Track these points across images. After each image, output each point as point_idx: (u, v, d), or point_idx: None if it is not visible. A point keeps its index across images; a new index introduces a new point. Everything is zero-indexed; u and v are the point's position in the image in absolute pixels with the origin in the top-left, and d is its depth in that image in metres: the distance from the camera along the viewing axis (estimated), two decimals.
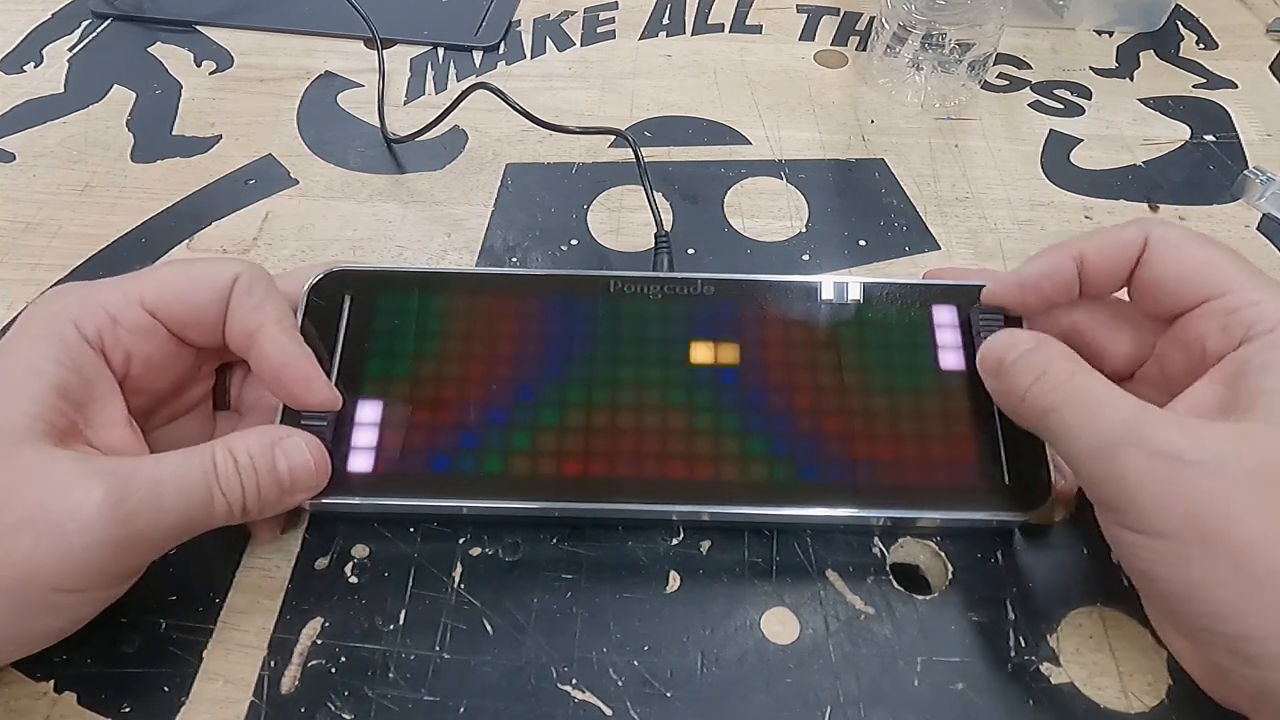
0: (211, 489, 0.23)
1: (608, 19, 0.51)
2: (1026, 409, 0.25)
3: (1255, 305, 0.24)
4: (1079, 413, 0.23)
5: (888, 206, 0.40)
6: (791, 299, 0.30)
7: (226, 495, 0.23)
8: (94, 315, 0.24)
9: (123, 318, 0.25)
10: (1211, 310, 0.25)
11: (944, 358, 0.29)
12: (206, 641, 0.26)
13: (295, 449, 0.25)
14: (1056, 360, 0.24)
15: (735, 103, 0.45)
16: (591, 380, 0.28)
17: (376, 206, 0.39)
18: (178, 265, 0.27)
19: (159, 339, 0.26)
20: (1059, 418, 0.23)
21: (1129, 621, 0.26)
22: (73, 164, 0.41)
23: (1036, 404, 0.24)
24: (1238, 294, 0.24)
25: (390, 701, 0.25)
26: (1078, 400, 0.23)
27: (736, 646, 0.26)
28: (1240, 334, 0.24)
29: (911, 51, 0.44)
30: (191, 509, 0.23)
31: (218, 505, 0.23)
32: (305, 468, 0.25)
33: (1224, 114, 0.45)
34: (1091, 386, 0.23)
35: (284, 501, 0.25)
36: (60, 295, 0.25)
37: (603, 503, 0.27)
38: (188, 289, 0.26)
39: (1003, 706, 0.25)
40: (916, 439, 0.27)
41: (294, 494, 0.25)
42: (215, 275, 0.26)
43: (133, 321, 0.25)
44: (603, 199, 0.40)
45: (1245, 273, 0.25)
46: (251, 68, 0.47)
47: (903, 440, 0.27)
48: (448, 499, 0.27)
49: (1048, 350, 0.25)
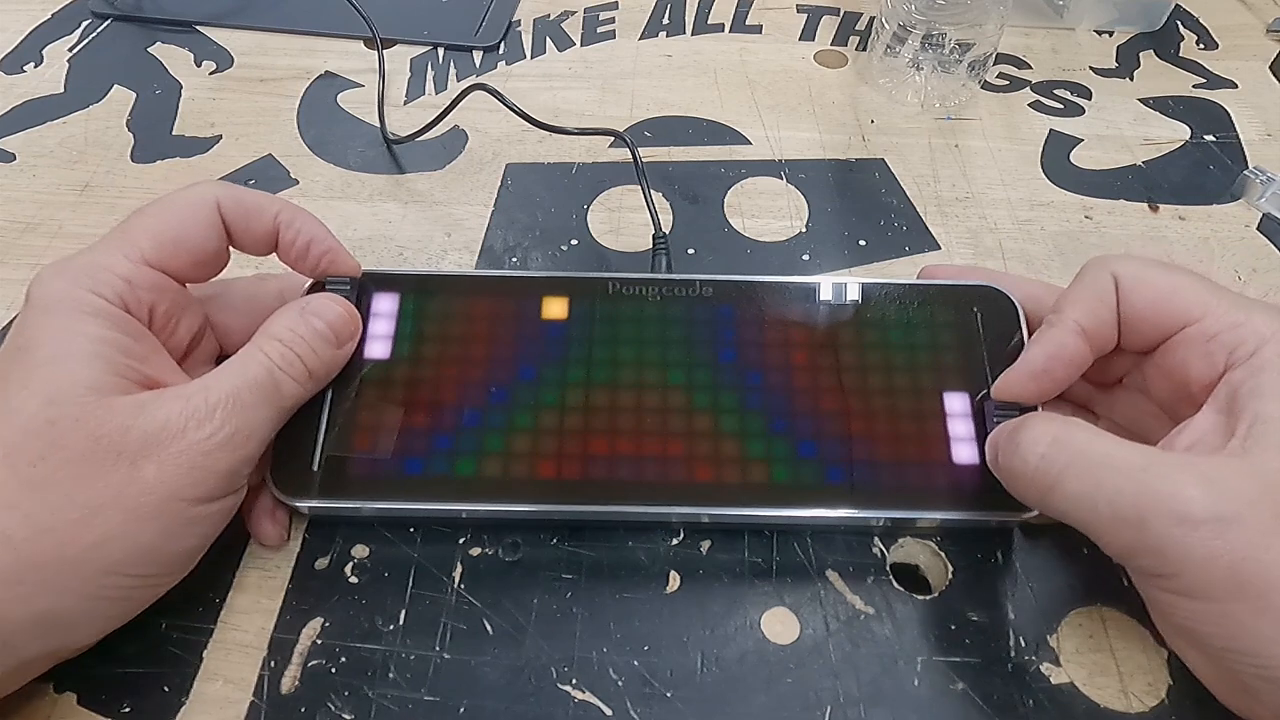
0: (275, 375, 0.25)
1: (608, 19, 0.51)
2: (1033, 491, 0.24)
3: (1234, 328, 0.24)
4: (1085, 480, 0.22)
5: (888, 206, 0.40)
6: (790, 300, 0.30)
7: (292, 375, 0.25)
8: (109, 282, 0.24)
9: (135, 278, 0.25)
10: (1189, 337, 0.25)
11: (943, 358, 0.29)
12: (206, 641, 0.26)
13: (322, 305, 0.27)
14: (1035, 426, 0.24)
15: (735, 103, 0.45)
16: (590, 383, 0.28)
17: (376, 206, 0.39)
18: (158, 214, 0.26)
19: (170, 290, 0.26)
20: (1063, 491, 0.23)
21: (1129, 621, 0.26)
22: (73, 164, 0.41)
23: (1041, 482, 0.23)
24: (1215, 318, 0.24)
25: (390, 701, 0.25)
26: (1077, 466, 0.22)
27: (736, 646, 0.26)
28: (1223, 359, 0.24)
29: (911, 51, 0.44)
30: (269, 398, 0.25)
31: (287, 387, 0.25)
32: (339, 316, 0.27)
33: (1224, 114, 0.45)
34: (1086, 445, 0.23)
35: (337, 356, 0.27)
36: (62, 271, 0.24)
37: (602, 505, 0.27)
38: (182, 232, 0.26)
39: (1003, 706, 0.25)
40: (916, 439, 0.27)
41: (342, 344, 0.27)
42: (198, 208, 0.26)
43: (145, 280, 0.25)
44: (603, 199, 0.40)
45: (1215, 294, 0.25)
46: (251, 68, 0.47)
47: (903, 440, 0.27)
48: (447, 502, 0.27)
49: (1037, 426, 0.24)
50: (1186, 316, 0.25)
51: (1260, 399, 0.22)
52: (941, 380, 0.28)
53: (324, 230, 0.28)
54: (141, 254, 0.25)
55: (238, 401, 0.24)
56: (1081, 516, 0.23)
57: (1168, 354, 0.25)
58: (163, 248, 0.26)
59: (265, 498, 0.27)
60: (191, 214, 0.26)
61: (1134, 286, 0.26)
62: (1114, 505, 0.21)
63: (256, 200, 0.27)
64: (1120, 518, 0.21)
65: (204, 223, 0.26)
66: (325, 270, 0.28)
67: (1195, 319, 0.25)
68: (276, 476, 0.27)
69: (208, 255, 0.27)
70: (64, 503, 0.21)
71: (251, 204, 0.27)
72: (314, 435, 0.27)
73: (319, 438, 0.27)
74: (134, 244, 0.25)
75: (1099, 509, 0.22)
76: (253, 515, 0.27)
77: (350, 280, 0.29)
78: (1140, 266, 0.26)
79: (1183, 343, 0.25)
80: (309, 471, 0.27)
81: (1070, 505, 0.23)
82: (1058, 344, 0.26)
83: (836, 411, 0.28)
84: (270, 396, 0.25)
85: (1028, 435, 0.24)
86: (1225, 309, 0.24)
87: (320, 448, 0.27)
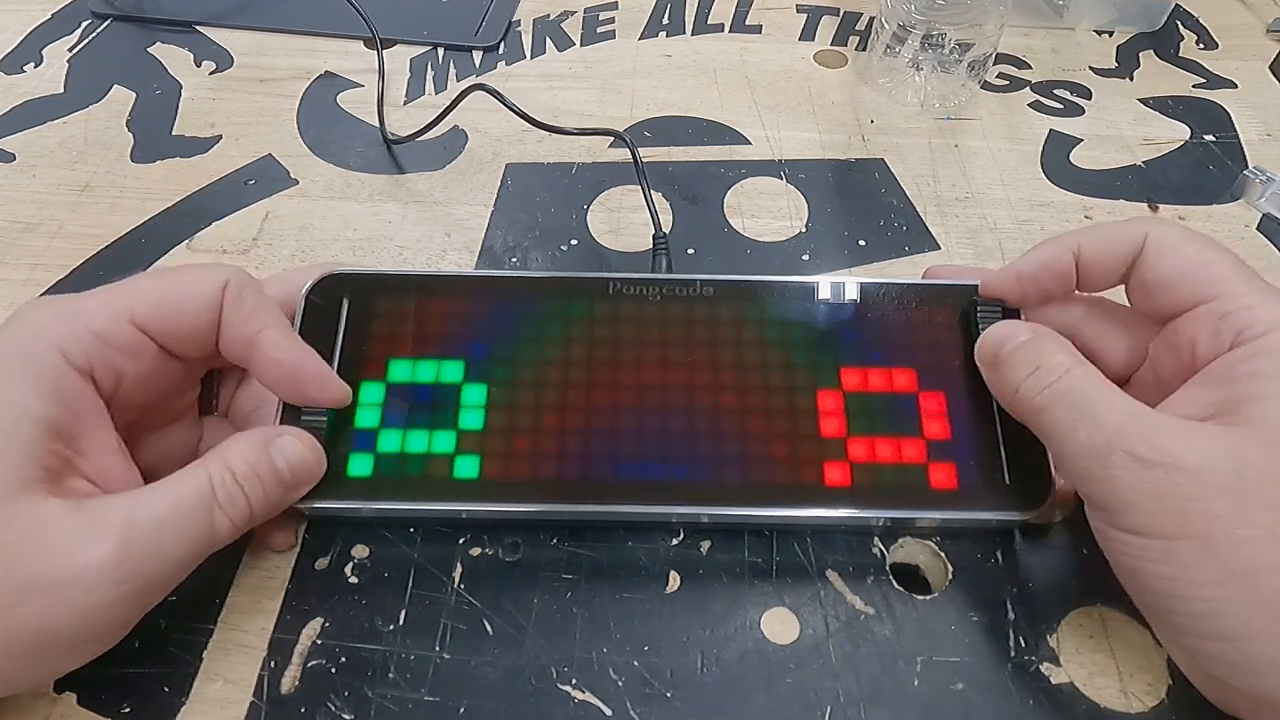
0: (212, 513, 0.23)
1: (608, 19, 0.51)
2: (1020, 403, 0.25)
3: (1248, 310, 0.24)
4: (1071, 412, 0.23)
5: (887, 206, 0.40)
6: (789, 299, 0.30)
7: (229, 514, 0.23)
8: (79, 337, 0.23)
9: (111, 335, 0.24)
10: (1203, 314, 0.25)
11: (943, 357, 0.29)
12: (206, 641, 0.26)
13: (290, 445, 0.25)
14: (1050, 355, 0.25)
15: (735, 103, 0.45)
16: (590, 383, 0.28)
17: (376, 207, 0.39)
18: (163, 277, 0.26)
19: (149, 355, 0.25)
20: (1051, 416, 0.24)
21: (1129, 621, 0.26)
22: (73, 164, 0.41)
23: (1029, 400, 0.24)
24: (1231, 298, 0.24)
25: (390, 702, 0.25)
26: (1069, 399, 0.23)
27: (736, 646, 0.26)
28: (1230, 338, 0.24)
29: (911, 51, 0.44)
30: (196, 540, 0.23)
31: (220, 528, 0.23)
32: (304, 461, 0.25)
33: (1224, 114, 0.45)
34: (1083, 385, 0.24)
35: (286, 499, 0.25)
36: (40, 312, 0.23)
37: (602, 505, 0.27)
38: (178, 303, 0.25)
39: (1003, 706, 0.25)
40: (916, 439, 0.27)
41: (296, 489, 0.25)
42: (204, 285, 0.25)
43: (121, 339, 0.24)
44: (603, 199, 0.40)
45: (1241, 276, 0.25)
46: (251, 68, 0.47)
47: (903, 440, 0.27)
48: (447, 502, 0.27)
49: (1041, 344, 0.25)
50: (1207, 292, 0.25)
51: (1256, 380, 0.22)
52: (941, 380, 0.28)
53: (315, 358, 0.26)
54: (130, 312, 0.24)
55: (157, 547, 0.22)
56: (1056, 438, 0.24)
57: (1180, 329, 0.25)
58: (155, 310, 0.24)
59: None
60: (198, 288, 0.25)
61: (1165, 252, 0.26)
62: (1090, 437, 0.22)
63: (256, 303, 0.26)
64: (1090, 448, 0.22)
65: (206, 300, 0.25)
66: (313, 399, 0.26)
67: (1214, 296, 0.25)
68: None
69: (199, 333, 0.25)
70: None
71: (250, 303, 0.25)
72: None
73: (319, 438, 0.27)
74: (127, 300, 0.24)
75: (1075, 437, 0.23)
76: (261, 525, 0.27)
77: (328, 413, 0.27)
78: (1179, 234, 0.26)
79: (1195, 319, 0.25)
80: None
81: (1051, 427, 0.24)
82: (1051, 256, 0.27)
83: (836, 411, 0.28)
84: (198, 539, 0.23)
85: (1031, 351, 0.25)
86: (1243, 290, 0.24)
87: None
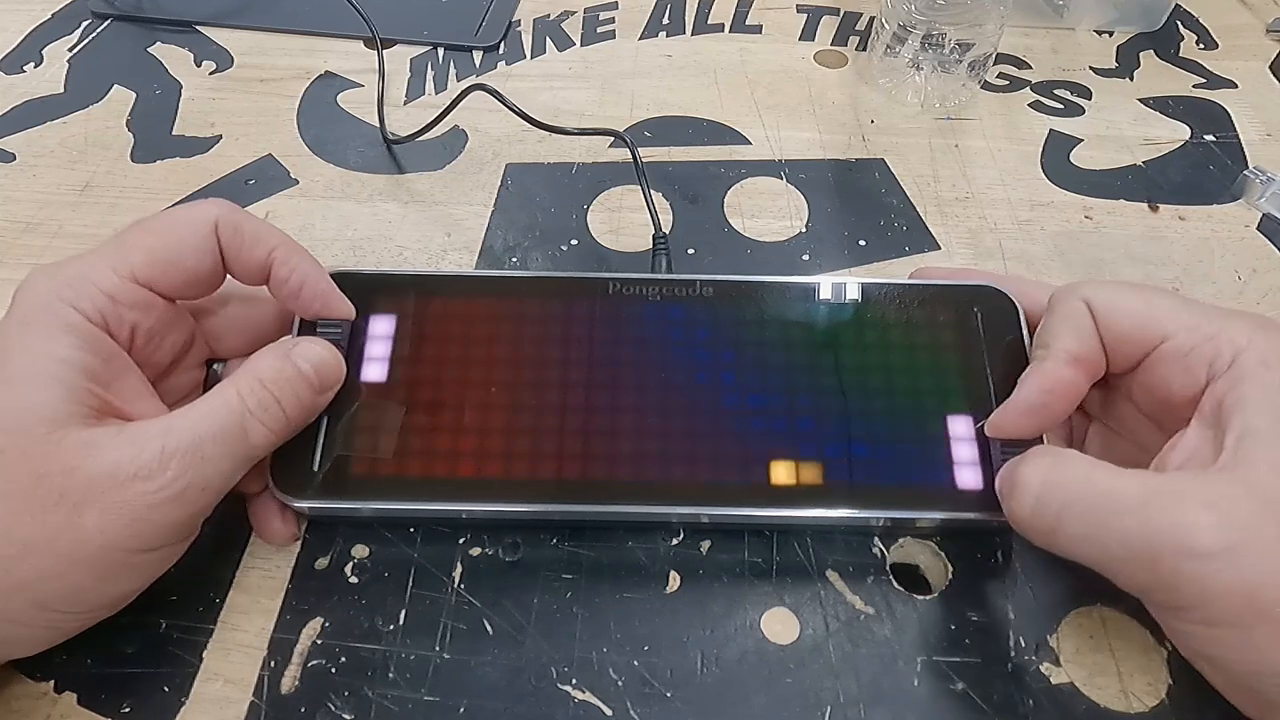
0: (244, 420, 0.24)
1: (608, 19, 0.51)
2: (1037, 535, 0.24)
3: (1210, 340, 0.24)
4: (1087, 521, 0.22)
5: (888, 206, 0.40)
6: (790, 299, 0.30)
7: (263, 419, 0.24)
8: (92, 297, 0.24)
9: (120, 295, 0.24)
10: (1166, 354, 0.25)
11: (943, 358, 0.29)
12: (206, 641, 0.26)
13: (310, 348, 0.26)
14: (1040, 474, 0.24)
15: (735, 103, 0.45)
16: (590, 383, 0.28)
17: (376, 206, 0.39)
18: (153, 229, 0.26)
19: (157, 309, 0.26)
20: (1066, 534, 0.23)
21: (1129, 621, 0.26)
22: (73, 164, 0.41)
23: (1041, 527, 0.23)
24: (1188, 332, 0.24)
25: (390, 701, 0.25)
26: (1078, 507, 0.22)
27: (736, 646, 0.26)
28: (1203, 372, 0.24)
29: (911, 51, 0.44)
30: (233, 445, 0.24)
31: (255, 435, 0.24)
32: (326, 363, 0.26)
33: (1224, 114, 0.45)
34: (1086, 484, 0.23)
35: (316, 403, 0.26)
36: (48, 278, 0.24)
37: (602, 505, 0.27)
38: (174, 254, 0.25)
39: (1003, 706, 0.25)
40: (916, 439, 0.27)
41: (324, 392, 0.27)
42: (196, 229, 0.26)
43: (130, 297, 0.25)
44: (603, 199, 0.40)
45: (1188, 309, 0.25)
46: (251, 68, 0.47)
47: (903, 440, 0.27)
48: (447, 502, 0.27)
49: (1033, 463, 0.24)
50: (1162, 332, 0.25)
51: (1243, 411, 0.22)
52: (941, 380, 0.28)
53: (320, 272, 0.28)
54: (132, 270, 0.25)
55: (196, 453, 0.23)
56: (1091, 556, 0.23)
57: (1148, 371, 0.25)
58: (155, 265, 0.25)
59: (272, 499, 0.27)
60: (189, 233, 0.26)
61: (1109, 309, 0.26)
62: (1125, 545, 0.21)
63: (255, 230, 0.26)
64: (1132, 557, 0.21)
65: (200, 244, 0.26)
66: (318, 313, 0.28)
67: (1170, 334, 0.25)
68: (277, 476, 0.27)
69: (201, 276, 0.26)
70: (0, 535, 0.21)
71: (249, 233, 0.26)
72: (315, 435, 0.27)
73: (320, 438, 0.27)
74: (126, 259, 0.25)
75: (1110, 549, 0.22)
76: (260, 517, 0.27)
77: (341, 324, 0.28)
78: (1110, 290, 0.26)
79: (1160, 359, 0.25)
80: (310, 472, 0.27)
81: (1076, 546, 0.23)
82: (1053, 376, 0.26)
83: (836, 411, 0.28)
84: (236, 447, 0.24)
85: (1020, 478, 0.24)
86: (1199, 322, 0.24)
87: (321, 448, 0.27)
